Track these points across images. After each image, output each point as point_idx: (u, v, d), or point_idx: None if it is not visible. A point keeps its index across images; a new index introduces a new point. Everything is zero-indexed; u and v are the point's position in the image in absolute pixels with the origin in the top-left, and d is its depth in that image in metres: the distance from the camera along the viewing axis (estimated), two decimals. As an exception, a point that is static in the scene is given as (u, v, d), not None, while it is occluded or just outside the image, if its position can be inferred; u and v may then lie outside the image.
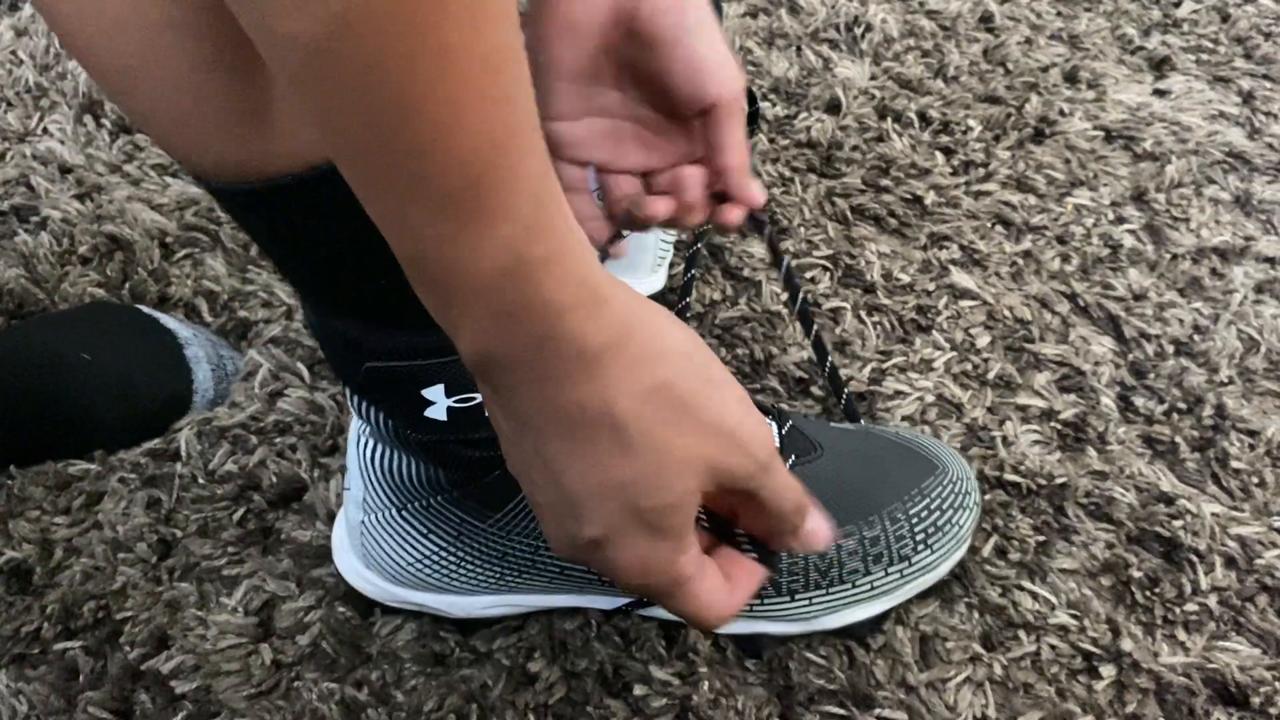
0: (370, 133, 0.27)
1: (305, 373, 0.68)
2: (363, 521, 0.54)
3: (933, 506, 0.55)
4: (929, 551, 0.55)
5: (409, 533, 0.53)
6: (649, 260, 0.70)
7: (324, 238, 0.40)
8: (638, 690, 0.54)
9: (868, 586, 0.54)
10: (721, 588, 0.38)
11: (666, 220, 0.50)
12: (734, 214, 0.49)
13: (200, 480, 0.63)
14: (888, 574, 0.54)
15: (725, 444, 0.35)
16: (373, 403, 0.48)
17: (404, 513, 0.53)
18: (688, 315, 0.71)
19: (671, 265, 0.75)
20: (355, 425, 0.52)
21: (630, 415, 0.33)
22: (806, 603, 0.54)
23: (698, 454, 0.34)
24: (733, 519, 0.40)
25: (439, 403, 0.45)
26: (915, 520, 0.54)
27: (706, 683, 0.54)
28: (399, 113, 0.27)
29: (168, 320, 0.68)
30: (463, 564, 0.53)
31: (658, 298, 0.72)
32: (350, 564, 0.56)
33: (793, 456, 0.53)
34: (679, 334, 0.35)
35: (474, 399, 0.45)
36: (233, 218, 0.43)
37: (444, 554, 0.53)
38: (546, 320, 0.31)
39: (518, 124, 0.29)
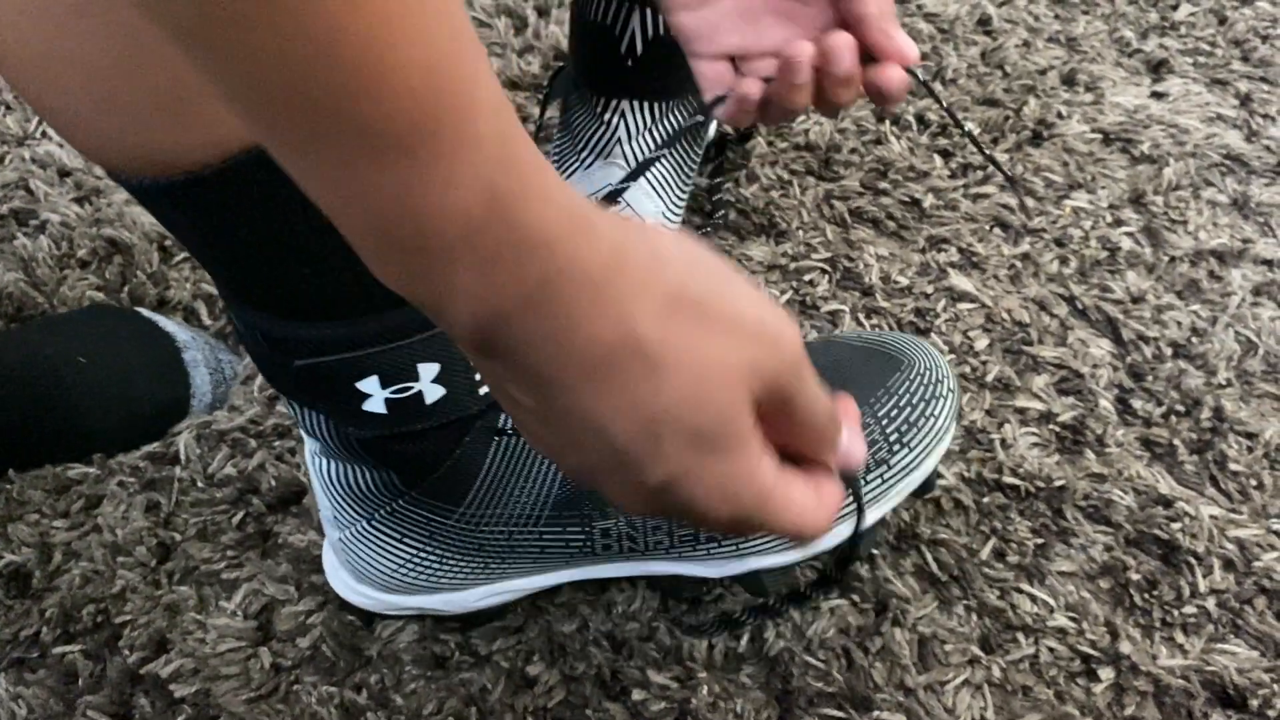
0: (291, 82, 0.23)
1: (304, 376, 0.68)
2: (340, 538, 0.54)
3: (901, 404, 0.54)
4: (906, 450, 0.54)
5: (384, 540, 0.53)
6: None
7: (246, 229, 0.38)
8: (636, 694, 0.54)
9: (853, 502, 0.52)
10: (811, 493, 0.34)
11: (819, 102, 0.43)
12: (892, 76, 0.43)
13: (199, 484, 0.63)
14: (868, 482, 0.53)
15: (756, 340, 0.31)
16: (310, 405, 0.47)
17: (373, 522, 0.52)
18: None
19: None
20: (309, 446, 0.52)
21: (653, 333, 0.29)
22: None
23: (735, 356, 0.31)
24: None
25: (375, 395, 0.44)
26: (886, 421, 0.53)
27: (705, 686, 0.54)
28: (321, 46, 0.22)
29: (166, 324, 0.68)
30: (444, 561, 0.53)
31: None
32: (344, 581, 0.56)
33: None
34: (675, 239, 0.32)
35: (410, 388, 0.44)
36: (151, 213, 0.41)
37: (423, 554, 0.53)
38: (541, 256, 0.27)
39: (461, 37, 0.25)
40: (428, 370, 0.44)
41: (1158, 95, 0.91)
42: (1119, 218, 0.80)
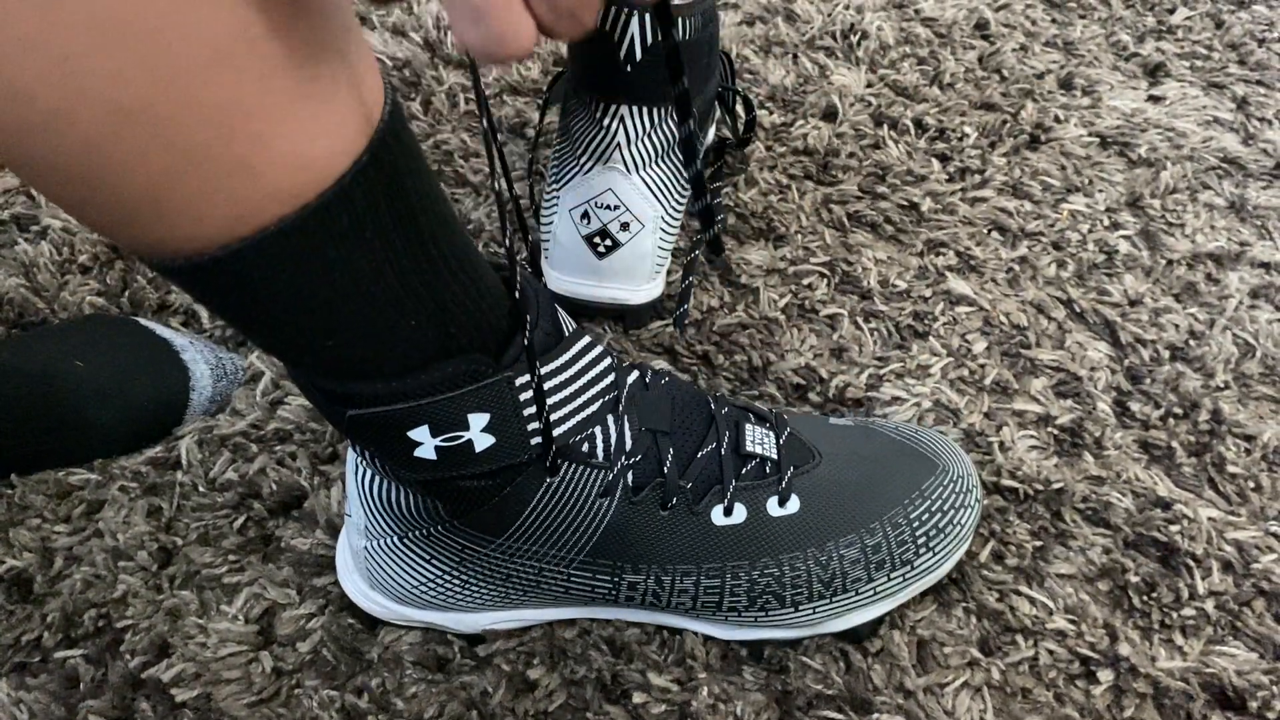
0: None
1: (305, 381, 0.68)
2: (365, 547, 0.54)
3: (934, 509, 0.55)
4: (930, 554, 0.55)
5: (412, 558, 0.53)
6: (647, 268, 0.70)
7: (270, 309, 0.38)
8: (637, 697, 0.54)
9: (870, 592, 0.54)
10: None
11: None
12: None
13: (201, 488, 0.63)
14: (890, 579, 0.54)
15: None
16: (361, 445, 0.47)
17: (405, 540, 0.53)
18: (685, 322, 0.72)
19: (670, 273, 0.75)
20: (352, 457, 0.52)
21: None
22: (810, 611, 0.54)
23: None
24: None
25: (426, 442, 0.45)
26: (917, 524, 0.55)
27: (705, 688, 0.54)
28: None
29: (163, 330, 0.68)
30: (467, 585, 0.54)
31: (656, 305, 0.73)
32: (356, 585, 0.56)
33: (792, 468, 0.54)
34: None
35: (460, 437, 0.45)
36: (185, 291, 0.40)
37: (448, 577, 0.53)
38: None
39: None
40: (478, 420, 0.44)
41: (1155, 99, 0.92)
42: (1116, 221, 0.80)
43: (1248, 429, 0.66)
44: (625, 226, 0.69)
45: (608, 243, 0.69)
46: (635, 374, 0.52)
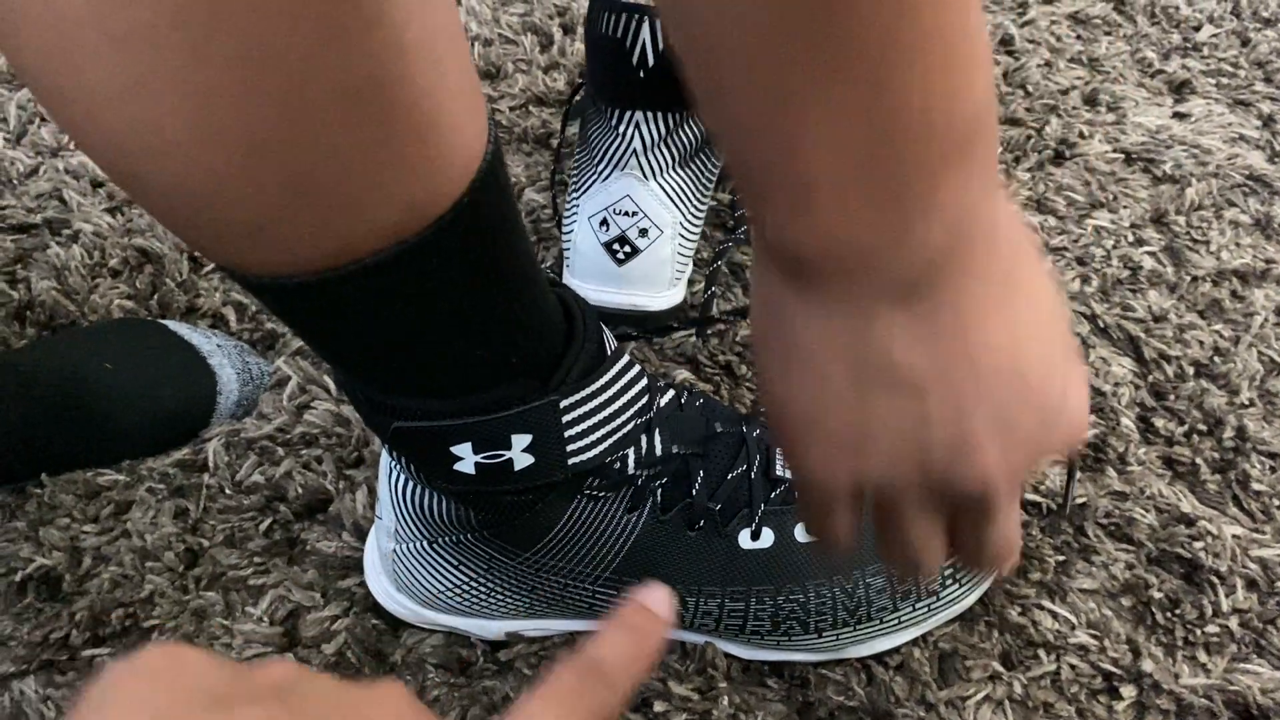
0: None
1: (332, 385, 0.68)
2: (394, 550, 0.54)
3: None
4: (957, 586, 0.55)
5: (440, 564, 0.53)
6: (667, 274, 0.71)
7: (350, 328, 0.39)
8: (658, 706, 0.54)
9: (895, 621, 0.54)
10: (932, 538, 0.36)
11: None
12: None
13: (227, 491, 0.64)
14: (915, 609, 0.54)
15: (1071, 429, 0.33)
16: (401, 454, 0.48)
17: (435, 546, 0.53)
18: (709, 333, 0.72)
19: (692, 282, 0.75)
20: (386, 460, 0.53)
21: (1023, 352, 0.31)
22: (834, 638, 0.54)
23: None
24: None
25: (466, 458, 0.45)
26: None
27: (726, 698, 0.54)
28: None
29: (191, 335, 0.69)
30: (493, 593, 0.54)
31: (677, 313, 0.73)
32: (382, 586, 0.57)
33: None
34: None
35: (501, 455, 0.45)
36: (262, 304, 0.41)
37: (475, 584, 0.54)
38: (985, 211, 0.29)
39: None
40: (520, 440, 0.45)
41: (1180, 116, 0.92)
42: (1141, 237, 0.80)
43: (1272, 446, 0.66)
44: (644, 233, 0.69)
45: (627, 249, 0.69)
46: (670, 394, 0.52)
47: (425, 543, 0.53)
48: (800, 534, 0.53)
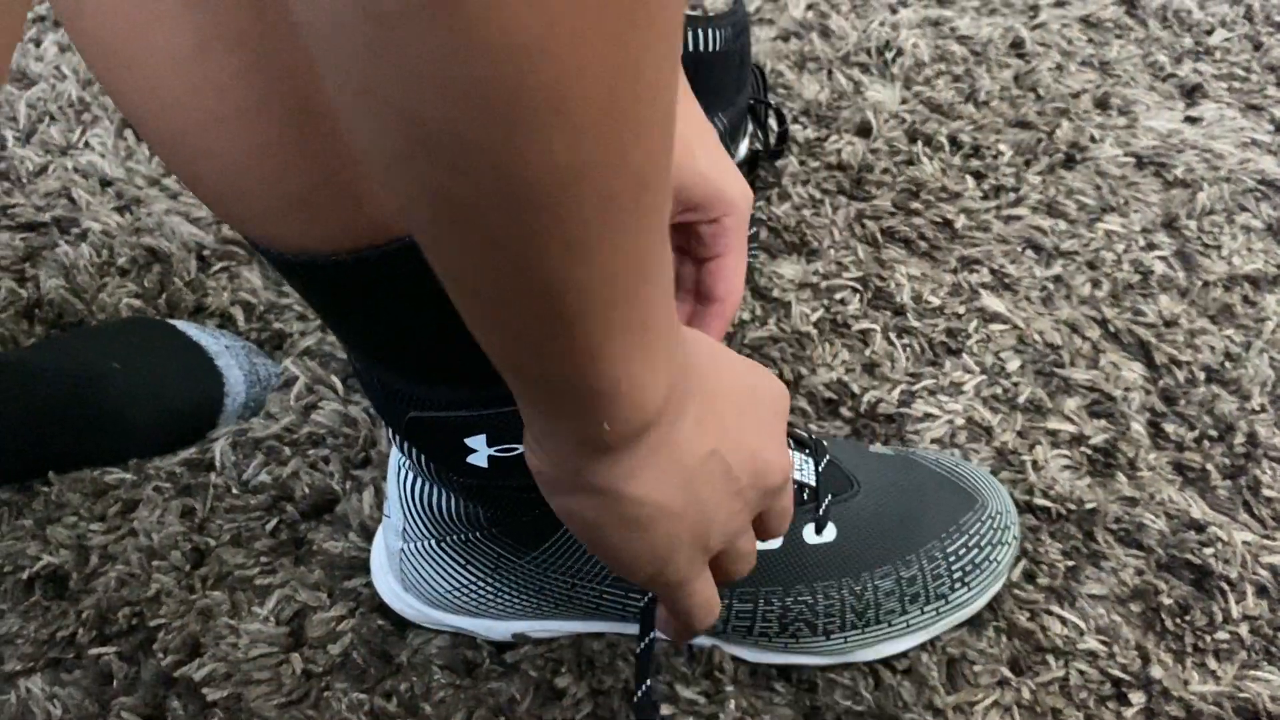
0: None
1: (339, 385, 0.68)
2: (402, 549, 0.54)
3: (971, 544, 0.55)
4: (965, 589, 0.55)
5: (448, 563, 0.53)
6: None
7: (381, 310, 0.39)
8: (665, 709, 0.54)
9: (903, 625, 0.54)
10: (714, 590, 0.40)
11: None
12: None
13: (234, 490, 0.64)
14: (924, 612, 0.54)
15: (764, 495, 0.39)
16: (415, 446, 0.48)
17: (443, 544, 0.53)
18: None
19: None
20: (395, 457, 0.53)
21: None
22: (842, 641, 0.54)
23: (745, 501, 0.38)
24: None
25: (481, 451, 0.45)
26: (953, 559, 0.54)
27: (733, 701, 0.54)
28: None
29: (199, 335, 0.69)
30: (500, 593, 0.54)
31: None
32: (389, 585, 0.57)
33: (829, 496, 0.53)
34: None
35: (515, 449, 0.45)
36: (291, 285, 0.42)
37: (482, 584, 0.54)
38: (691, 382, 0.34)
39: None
40: None
41: (1191, 120, 0.91)
42: (1152, 241, 0.80)
43: (1284, 453, 0.65)
44: None
45: None
46: None
47: (433, 541, 0.53)
48: (809, 535, 0.53)
